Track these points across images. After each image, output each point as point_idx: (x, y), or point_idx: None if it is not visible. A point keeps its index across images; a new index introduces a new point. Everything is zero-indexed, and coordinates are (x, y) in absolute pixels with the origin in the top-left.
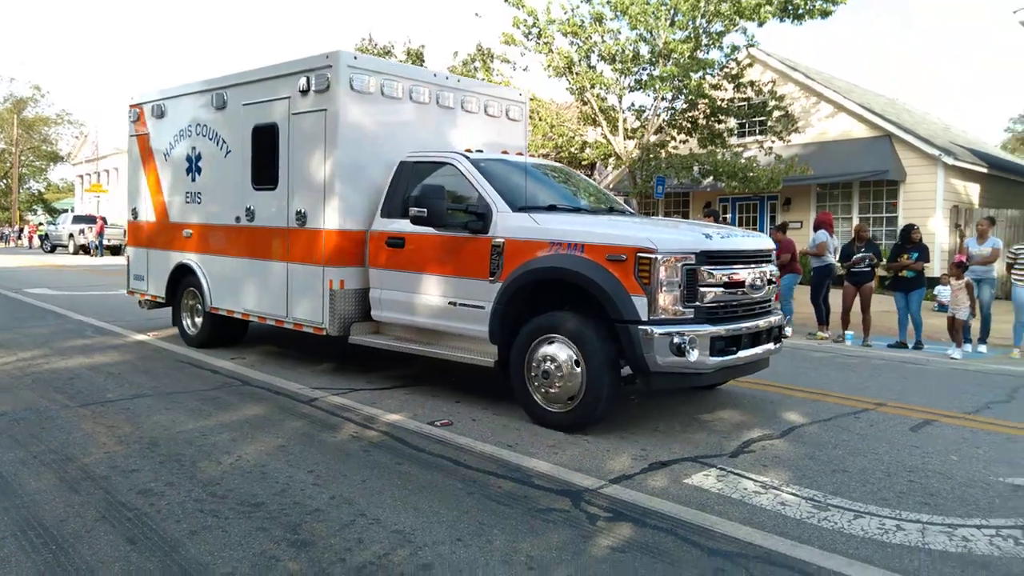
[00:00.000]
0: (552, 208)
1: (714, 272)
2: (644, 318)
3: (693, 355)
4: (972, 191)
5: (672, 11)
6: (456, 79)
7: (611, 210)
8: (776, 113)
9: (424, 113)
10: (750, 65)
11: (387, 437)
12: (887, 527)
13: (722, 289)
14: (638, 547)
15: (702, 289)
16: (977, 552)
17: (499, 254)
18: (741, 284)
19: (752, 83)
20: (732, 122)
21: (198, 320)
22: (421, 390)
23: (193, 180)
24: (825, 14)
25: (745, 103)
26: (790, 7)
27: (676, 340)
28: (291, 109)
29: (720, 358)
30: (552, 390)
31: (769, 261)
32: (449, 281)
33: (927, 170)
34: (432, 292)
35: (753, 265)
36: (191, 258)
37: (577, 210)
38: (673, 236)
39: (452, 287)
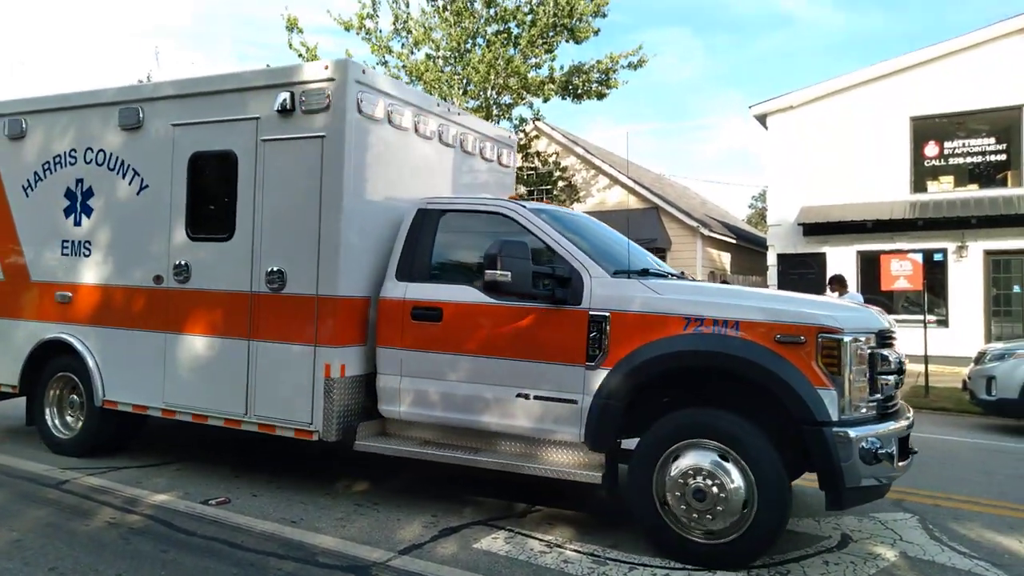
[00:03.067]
0: (646, 272)
1: (888, 357)
2: (834, 417)
3: (892, 463)
4: (725, 258)
5: (465, 81)
6: (457, 110)
7: (681, 275)
8: (560, 183)
9: (428, 150)
10: (537, 137)
11: (152, 521)
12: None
13: (893, 377)
14: None
15: (880, 378)
16: None
17: (601, 332)
18: (900, 371)
19: (539, 153)
20: (522, 189)
21: (74, 418)
22: (195, 465)
23: (77, 224)
24: (600, 96)
25: (533, 171)
26: (571, 87)
27: (872, 444)
28: (260, 134)
29: (905, 463)
30: (708, 516)
31: None
32: (518, 367)
33: (688, 239)
34: (489, 381)
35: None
36: (69, 331)
37: (665, 275)
38: (847, 313)
39: (523, 374)
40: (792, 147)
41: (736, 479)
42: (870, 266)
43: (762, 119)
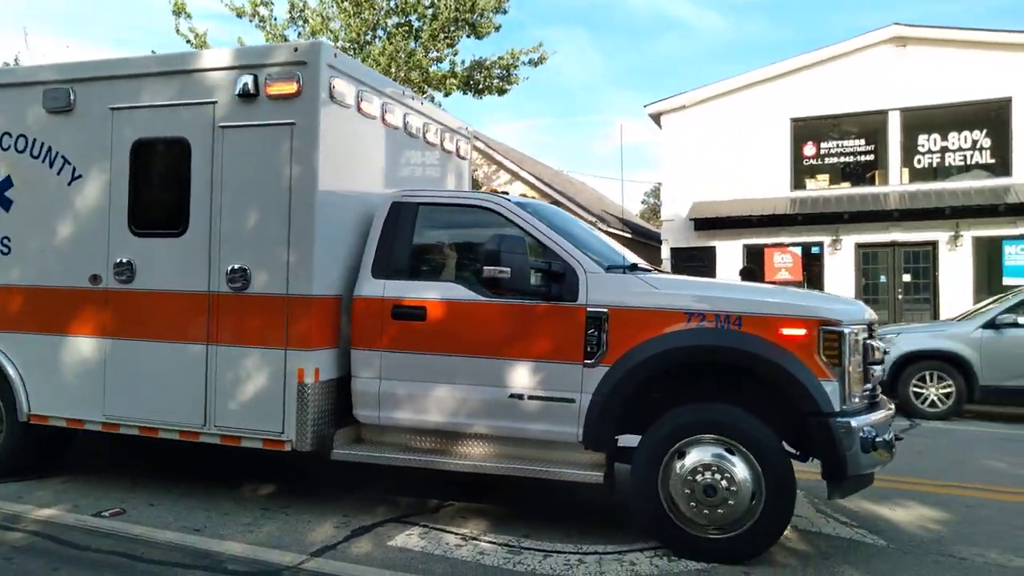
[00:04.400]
0: (635, 267)
1: (876, 347)
2: (837, 408)
3: (889, 451)
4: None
5: None
6: (420, 100)
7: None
8: None
9: (392, 139)
10: None
11: (38, 538)
12: (571, 562)
13: (879, 367)
14: None
15: (870, 368)
16: (642, 572)
17: (599, 328)
18: (881, 361)
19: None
20: None
21: None
22: (83, 477)
23: None
24: (501, 91)
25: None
26: (472, 82)
27: (869, 433)
28: (217, 120)
29: (891, 452)
30: (718, 510)
31: None
32: (511, 366)
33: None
34: (479, 382)
35: None
36: None
37: (651, 270)
38: (843, 305)
39: (516, 374)
40: (684, 146)
41: (744, 472)
42: (755, 259)
43: (656, 118)
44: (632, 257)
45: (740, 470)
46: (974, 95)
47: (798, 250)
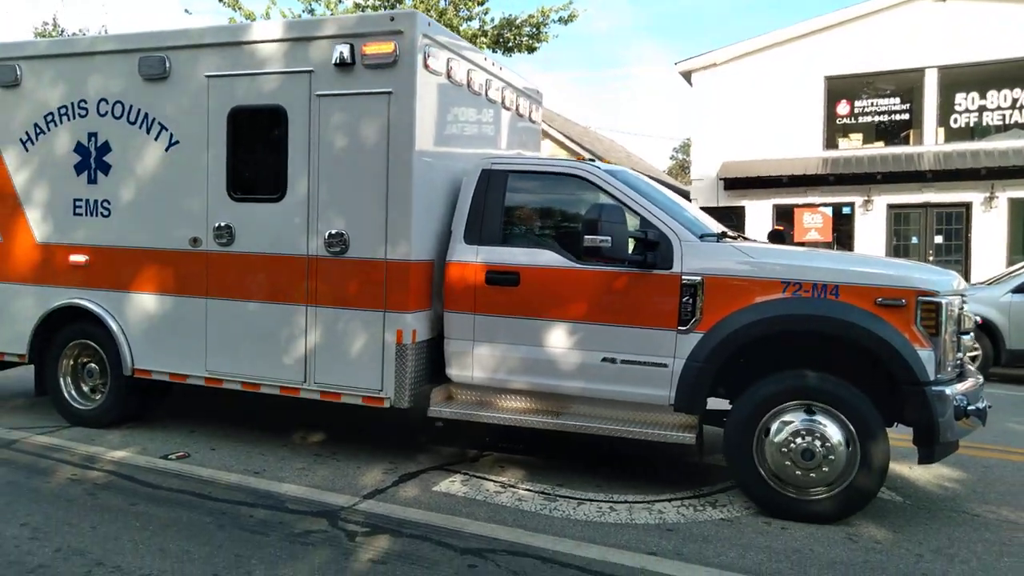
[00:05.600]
0: (724, 236)
1: (969, 317)
2: (932, 377)
3: (982, 419)
4: None
5: None
6: (499, 65)
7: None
8: None
9: (476, 106)
10: None
11: (115, 477)
12: (603, 510)
13: (968, 337)
14: (397, 556)
15: (962, 338)
16: (669, 520)
17: (694, 296)
18: (972, 331)
19: None
20: None
21: (91, 388)
22: (145, 422)
23: (91, 182)
24: (531, 49)
25: None
26: (502, 40)
27: (961, 401)
28: (314, 88)
29: (982, 420)
30: (815, 473)
31: None
32: (605, 331)
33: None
34: (572, 345)
35: None
36: (87, 296)
37: (734, 237)
38: (939, 276)
39: (610, 339)
40: (715, 104)
41: (839, 436)
42: (785, 218)
43: (687, 76)
44: (715, 223)
45: (836, 434)
46: (1016, 52)
47: (828, 210)
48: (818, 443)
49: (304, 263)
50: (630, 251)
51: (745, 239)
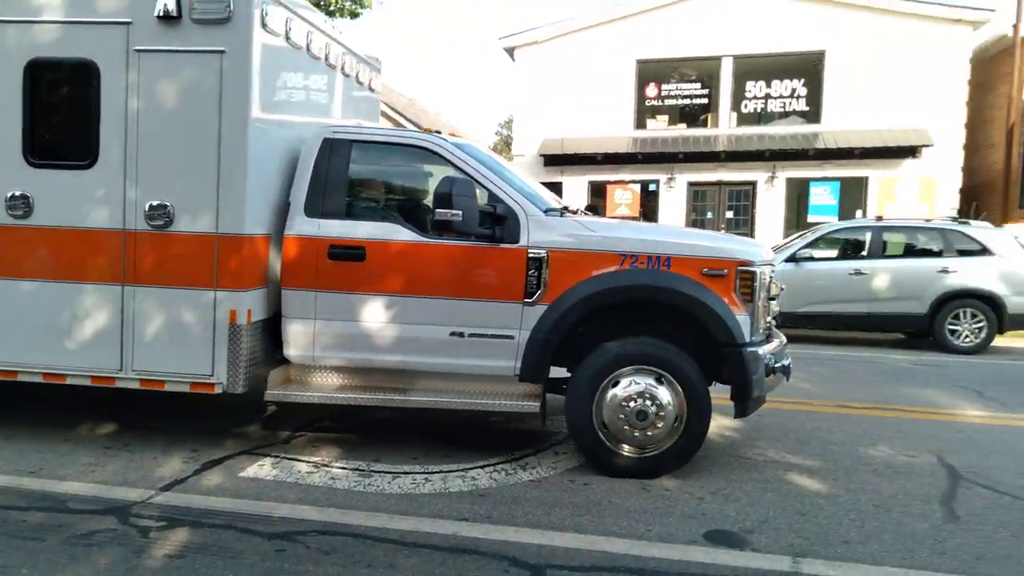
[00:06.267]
0: (565, 210)
1: (777, 285)
2: (748, 339)
3: (786, 375)
4: None
5: None
6: (339, 30)
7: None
8: None
9: (317, 71)
10: None
11: None
12: (418, 481)
13: (775, 303)
14: (197, 549)
15: (771, 304)
16: (482, 486)
17: (540, 269)
18: (777, 297)
19: None
20: None
21: None
22: None
23: None
24: (354, 15)
25: None
26: (321, 5)
27: (770, 360)
28: (132, 42)
29: (787, 375)
30: (649, 432)
31: None
32: (453, 305)
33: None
34: (420, 320)
35: None
36: None
37: (577, 211)
38: (753, 247)
39: (458, 313)
40: (536, 81)
41: (669, 398)
42: (598, 195)
43: (511, 52)
44: (555, 198)
45: (667, 396)
46: (795, 46)
47: (637, 187)
48: (651, 404)
49: (119, 238)
50: (481, 225)
51: (585, 213)
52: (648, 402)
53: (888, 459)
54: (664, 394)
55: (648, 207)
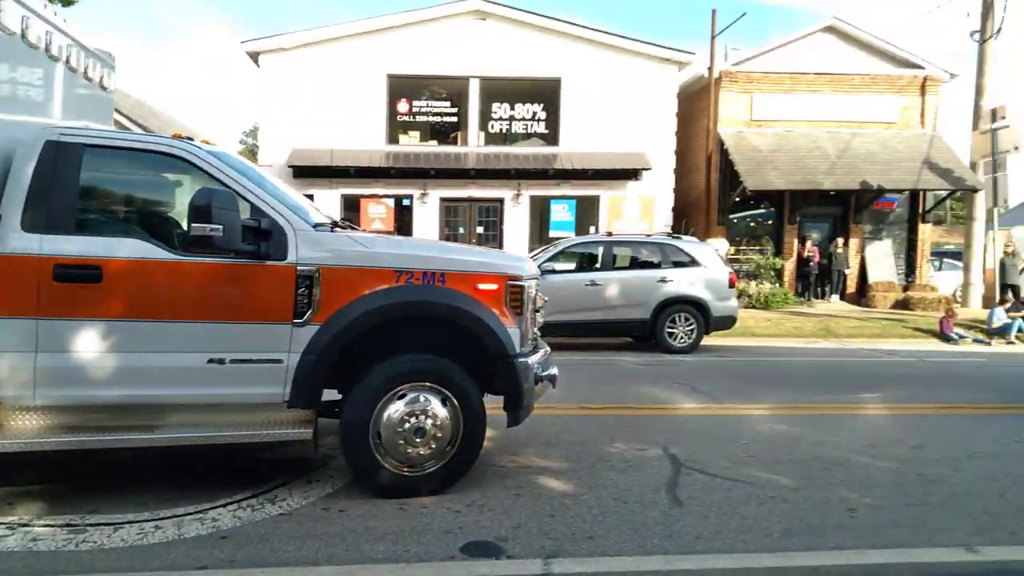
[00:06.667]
0: (335, 225)
1: (542, 298)
2: (519, 350)
3: (553, 383)
4: None
5: None
6: (62, 16)
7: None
8: None
9: (35, 63)
10: None
11: None
12: (146, 530)
13: (540, 314)
14: None
15: (536, 315)
16: (224, 527)
17: (310, 287)
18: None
19: None
20: None
21: None
22: None
23: None
24: (67, 2)
25: None
26: None
27: (538, 369)
28: None
29: (553, 383)
30: (422, 451)
31: None
32: (212, 329)
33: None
34: (172, 348)
35: None
36: None
37: (344, 226)
38: (520, 262)
39: (218, 337)
40: (284, 89)
41: (446, 413)
42: (352, 208)
43: (255, 56)
44: (322, 212)
45: (443, 411)
46: (535, 72)
47: (391, 201)
48: (429, 420)
49: None
50: (243, 241)
51: (354, 228)
52: (426, 418)
53: (623, 454)
54: (442, 409)
55: (402, 222)
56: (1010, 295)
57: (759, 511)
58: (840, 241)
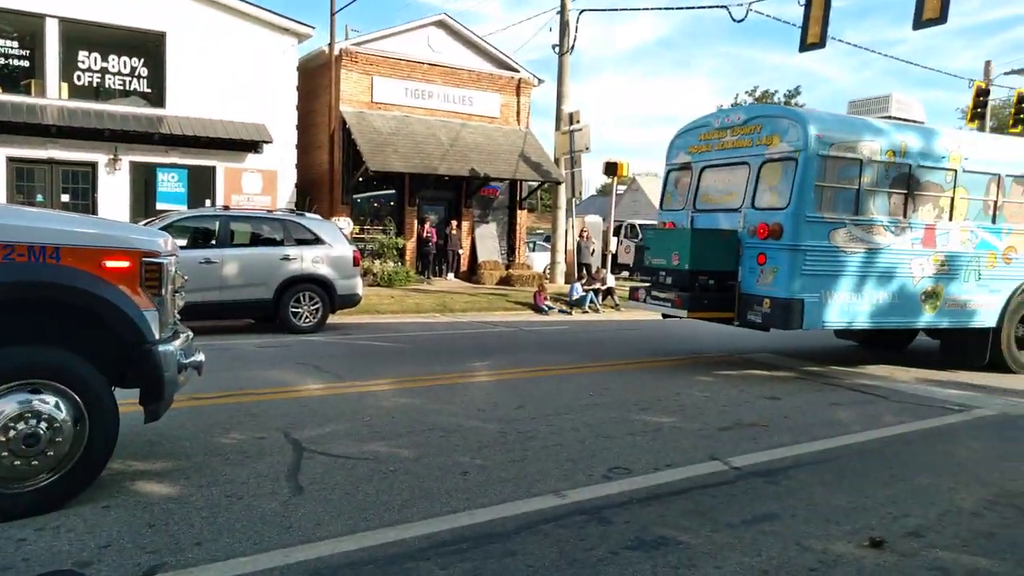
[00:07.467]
0: None
1: (183, 276)
2: (158, 336)
3: (199, 371)
4: None
5: None
6: None
7: None
8: None
9: None
10: None
11: None
12: None
13: (180, 296)
14: None
15: (175, 297)
16: None
17: None
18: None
19: None
20: None
21: None
22: None
23: None
24: None
25: None
26: None
27: (180, 357)
28: None
29: (198, 370)
30: (37, 460)
31: None
32: None
33: None
34: None
35: None
36: None
37: None
38: (157, 236)
39: None
40: None
41: (67, 412)
42: None
43: None
44: None
45: (63, 411)
46: (134, 22)
47: None
48: (44, 425)
49: None
50: None
51: None
52: (40, 422)
53: (240, 445)
54: (60, 410)
55: None
56: (585, 272)
57: (380, 486)
58: (455, 224)
